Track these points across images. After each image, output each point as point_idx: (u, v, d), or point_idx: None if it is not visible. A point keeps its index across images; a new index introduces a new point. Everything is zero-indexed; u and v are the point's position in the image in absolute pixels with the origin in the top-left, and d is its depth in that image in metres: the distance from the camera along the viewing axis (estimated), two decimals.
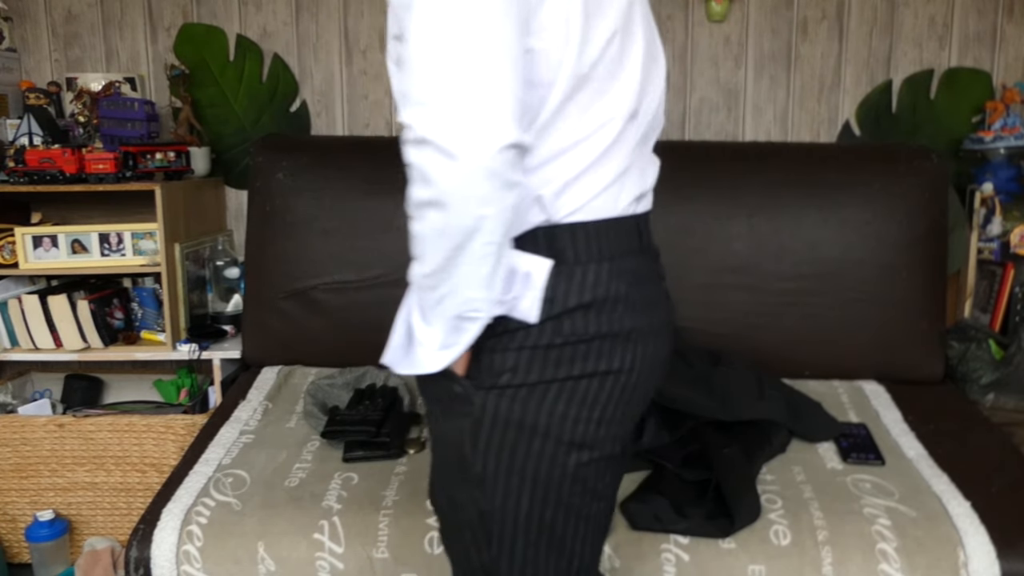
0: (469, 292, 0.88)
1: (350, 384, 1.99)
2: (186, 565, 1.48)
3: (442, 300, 0.89)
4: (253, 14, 2.53)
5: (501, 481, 0.97)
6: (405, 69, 0.84)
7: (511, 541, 1.00)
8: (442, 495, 1.06)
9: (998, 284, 2.37)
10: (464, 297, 0.88)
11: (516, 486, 0.97)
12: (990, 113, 2.39)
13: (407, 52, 0.83)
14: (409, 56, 0.83)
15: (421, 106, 0.81)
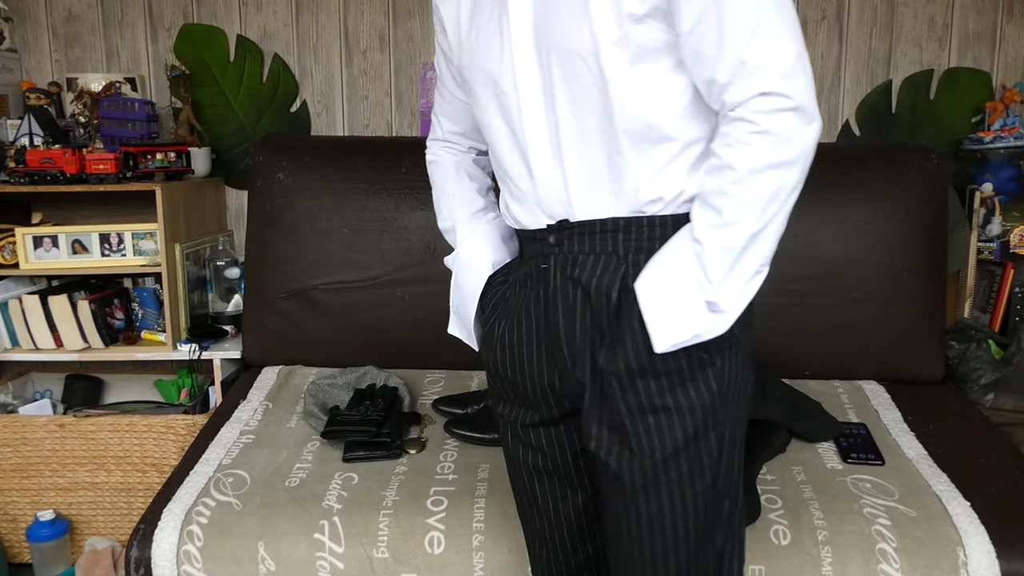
0: (772, 248, 0.96)
1: (350, 384, 1.99)
2: (186, 565, 1.48)
3: (754, 258, 0.96)
4: (253, 14, 2.53)
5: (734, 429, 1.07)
6: (760, 37, 0.88)
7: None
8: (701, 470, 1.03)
9: (998, 284, 2.37)
10: (768, 253, 0.96)
11: (739, 430, 1.08)
12: (990, 113, 2.39)
13: (760, 20, 0.88)
14: (768, 25, 0.88)
15: (793, 76, 0.89)
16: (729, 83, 0.91)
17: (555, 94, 1.00)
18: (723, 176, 0.93)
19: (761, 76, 0.89)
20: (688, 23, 0.91)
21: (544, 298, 1.07)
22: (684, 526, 1.03)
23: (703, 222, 0.96)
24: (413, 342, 2.15)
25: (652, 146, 0.98)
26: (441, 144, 1.28)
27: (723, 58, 0.90)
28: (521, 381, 1.13)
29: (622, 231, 1.02)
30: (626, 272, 1.01)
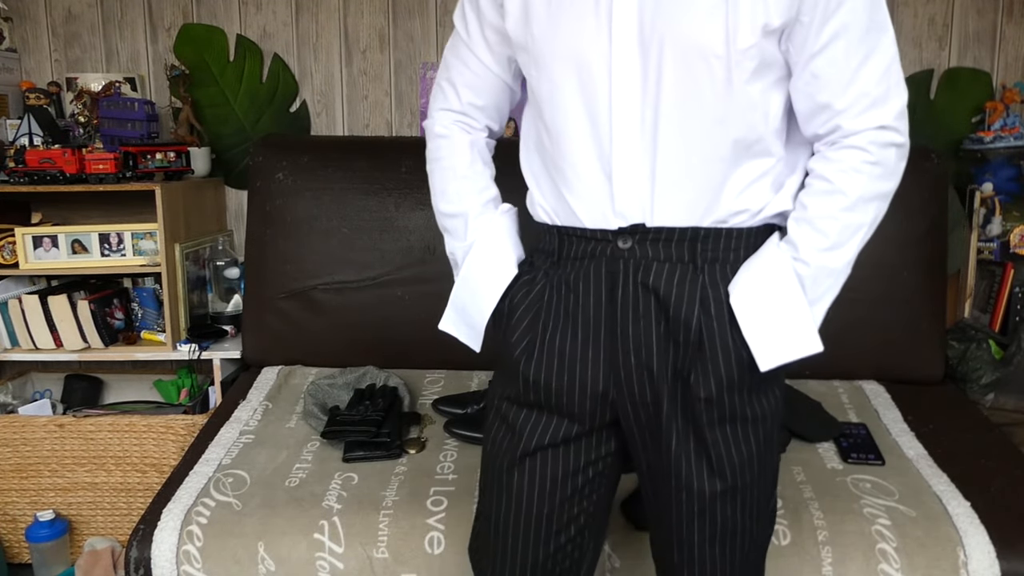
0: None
1: (350, 384, 1.99)
2: (186, 565, 1.48)
3: (844, 281, 1.03)
4: (253, 14, 2.53)
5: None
6: (887, 74, 0.96)
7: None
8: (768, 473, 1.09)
9: (998, 284, 2.37)
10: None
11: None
12: (990, 113, 2.39)
13: (889, 57, 0.96)
14: (894, 64, 0.97)
15: (905, 116, 0.97)
16: (847, 110, 0.95)
17: (660, 90, 0.95)
18: (833, 200, 0.98)
19: (883, 111, 0.96)
20: (818, 44, 0.94)
21: (611, 303, 1.02)
22: (752, 527, 1.08)
23: (810, 244, 0.99)
24: (413, 342, 2.15)
25: (752, 159, 0.99)
26: (455, 117, 1.15)
27: (848, 85, 0.95)
28: (568, 389, 1.05)
29: (701, 240, 1.00)
30: (704, 283, 1.00)
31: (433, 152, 1.18)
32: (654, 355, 1.02)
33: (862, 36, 0.94)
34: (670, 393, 1.03)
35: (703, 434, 1.02)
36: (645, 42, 0.94)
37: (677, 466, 1.03)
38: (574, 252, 1.05)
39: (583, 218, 1.03)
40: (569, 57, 0.98)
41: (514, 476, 1.09)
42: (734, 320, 1.00)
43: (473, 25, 1.10)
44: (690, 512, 1.04)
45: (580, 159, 1.01)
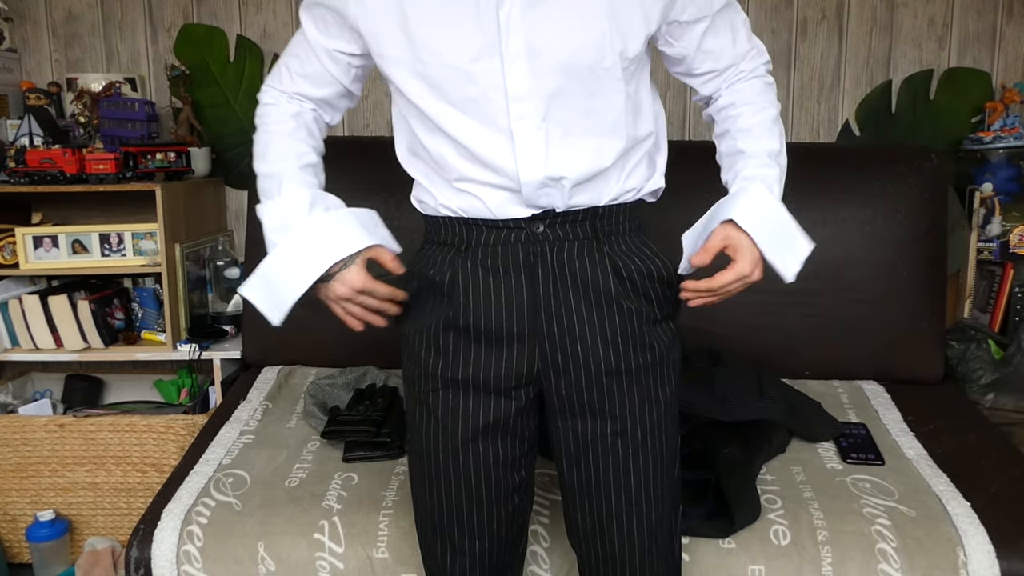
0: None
1: (350, 384, 1.99)
2: (186, 565, 1.48)
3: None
4: (253, 14, 2.53)
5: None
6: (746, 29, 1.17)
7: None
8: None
9: (997, 284, 2.37)
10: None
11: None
12: (989, 113, 2.39)
13: (741, 18, 1.16)
14: (746, 22, 1.17)
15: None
16: (742, 60, 1.17)
17: (555, 104, 1.05)
18: (766, 114, 1.16)
19: (764, 55, 1.19)
20: (702, 30, 1.13)
21: (531, 282, 1.10)
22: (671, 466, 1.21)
23: (770, 151, 1.14)
24: None
25: (635, 144, 1.12)
26: (288, 97, 1.20)
27: (734, 45, 1.16)
28: (496, 369, 1.12)
29: (600, 218, 1.12)
30: (608, 253, 1.12)
31: (258, 119, 1.21)
32: (575, 323, 1.11)
33: (726, 5, 1.13)
34: (600, 351, 1.12)
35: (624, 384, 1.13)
36: (535, 60, 1.02)
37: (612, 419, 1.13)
38: (485, 239, 1.11)
39: (495, 211, 1.10)
40: (464, 79, 1.04)
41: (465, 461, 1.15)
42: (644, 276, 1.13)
43: (315, 32, 1.13)
44: (624, 457, 1.13)
45: (489, 166, 1.07)
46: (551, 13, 1.02)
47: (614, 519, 1.15)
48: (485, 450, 1.14)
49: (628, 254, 1.13)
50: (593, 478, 1.15)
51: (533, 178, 1.06)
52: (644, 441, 1.14)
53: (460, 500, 1.16)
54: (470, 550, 1.18)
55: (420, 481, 1.20)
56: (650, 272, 1.14)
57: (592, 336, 1.12)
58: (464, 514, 1.17)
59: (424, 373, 1.15)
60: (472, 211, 1.11)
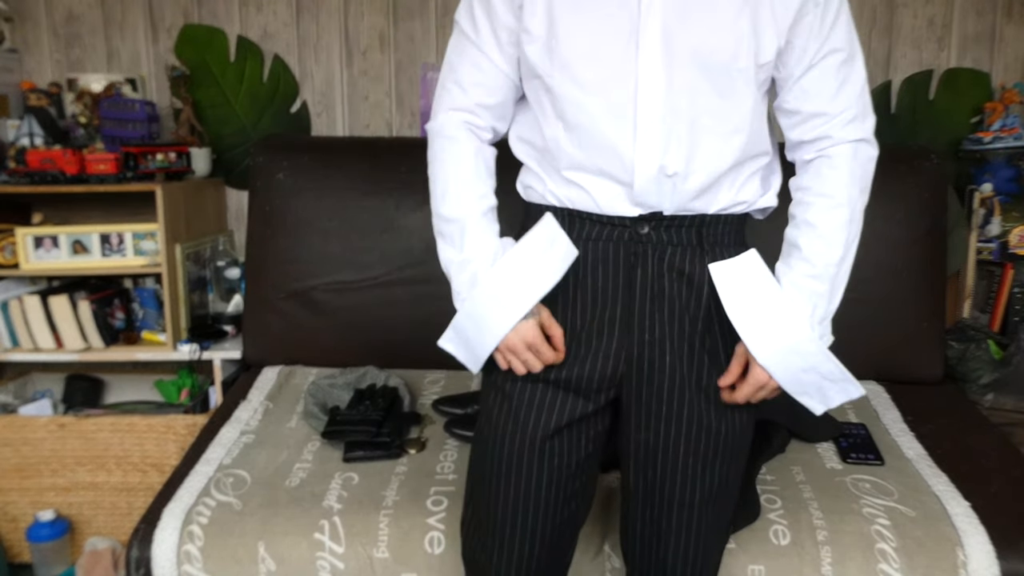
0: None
1: (350, 384, 1.99)
2: (187, 565, 1.48)
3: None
4: (254, 15, 2.53)
5: None
6: (857, 87, 1.09)
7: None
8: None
9: (997, 284, 2.37)
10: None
11: None
12: (989, 114, 2.40)
13: (856, 73, 1.09)
14: (861, 80, 1.09)
15: (873, 129, 1.12)
16: (835, 119, 1.09)
17: (683, 99, 1.03)
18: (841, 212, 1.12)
19: (865, 125, 1.11)
20: (809, 63, 1.08)
21: (628, 283, 1.10)
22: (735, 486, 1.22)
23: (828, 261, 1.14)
24: (413, 342, 2.15)
25: (753, 158, 1.11)
26: (464, 117, 1.14)
27: (834, 98, 1.09)
28: (580, 367, 1.11)
29: (706, 227, 1.10)
30: (711, 259, 1.10)
31: (438, 153, 1.16)
32: (667, 332, 1.10)
33: (845, 59, 1.07)
34: (680, 368, 1.11)
35: (710, 402, 1.13)
36: (671, 53, 1.02)
37: (687, 435, 1.12)
38: (587, 233, 1.10)
39: (603, 205, 1.08)
40: (596, 60, 1.04)
41: (530, 458, 1.13)
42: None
43: (483, 24, 1.11)
44: (693, 474, 1.13)
45: (605, 156, 1.06)
46: (693, 6, 1.01)
47: (672, 533, 1.15)
48: (552, 449, 1.13)
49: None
50: (658, 489, 1.14)
51: (649, 169, 1.05)
52: (713, 462, 1.14)
53: (519, 497, 1.14)
54: (519, 551, 1.16)
55: (480, 471, 1.19)
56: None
57: (679, 350, 1.11)
58: (520, 512, 1.15)
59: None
60: (579, 203, 1.10)
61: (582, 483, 1.18)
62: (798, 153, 1.13)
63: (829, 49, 1.06)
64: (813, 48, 1.06)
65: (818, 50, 1.06)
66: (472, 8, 1.12)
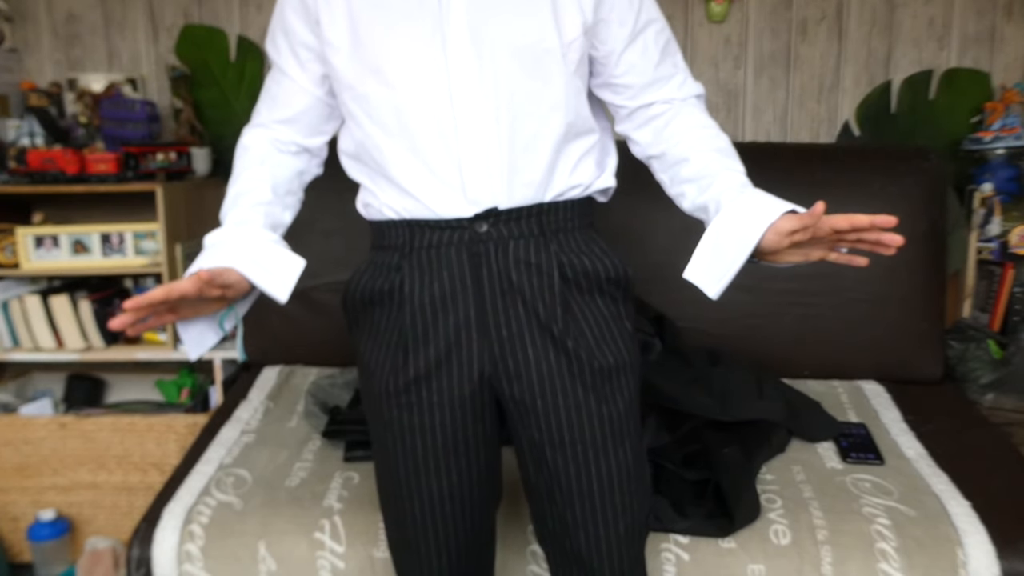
0: None
1: (351, 384, 1.99)
2: (187, 564, 1.48)
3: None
4: (254, 15, 2.53)
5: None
6: (678, 53, 1.16)
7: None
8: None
9: (997, 284, 2.37)
10: None
11: None
12: (989, 114, 2.40)
13: (672, 39, 1.15)
14: (675, 43, 1.16)
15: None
16: (667, 82, 1.15)
17: (498, 86, 1.04)
18: (721, 135, 1.15)
19: (685, 74, 1.18)
20: (626, 38, 1.12)
21: (477, 283, 1.08)
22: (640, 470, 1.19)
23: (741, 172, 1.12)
24: None
25: (578, 138, 1.11)
26: (260, 131, 1.20)
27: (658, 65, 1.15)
28: (448, 375, 1.09)
29: (545, 214, 1.10)
30: (555, 250, 1.09)
31: (233, 166, 1.20)
32: (523, 326, 1.09)
33: (660, 28, 1.13)
34: (546, 358, 1.09)
35: (587, 386, 1.10)
36: (479, 43, 1.03)
37: (569, 423, 1.10)
38: (428, 241, 1.09)
39: (437, 210, 1.07)
40: (405, 59, 1.04)
41: (426, 480, 1.12)
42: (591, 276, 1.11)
43: (283, 45, 1.16)
44: (586, 461, 1.11)
45: (429, 157, 1.06)
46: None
47: (579, 527, 1.12)
48: (447, 466, 1.12)
49: (577, 253, 1.11)
50: (555, 483, 1.12)
51: (476, 159, 1.05)
52: (604, 446, 1.11)
53: (424, 514, 1.14)
54: (438, 564, 1.15)
55: (385, 496, 1.19)
56: (596, 271, 1.11)
57: (542, 341, 1.09)
58: (429, 528, 1.14)
59: (380, 390, 1.12)
60: (415, 212, 1.09)
61: (484, 483, 1.16)
62: (640, 121, 1.16)
63: (646, 20, 1.11)
64: (630, 21, 1.10)
65: (635, 22, 1.10)
66: (274, 33, 1.18)
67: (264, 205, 1.16)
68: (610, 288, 1.13)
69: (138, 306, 0.95)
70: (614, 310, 1.14)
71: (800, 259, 1.04)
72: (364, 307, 1.15)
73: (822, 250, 1.04)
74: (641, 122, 1.17)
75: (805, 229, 0.99)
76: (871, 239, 1.01)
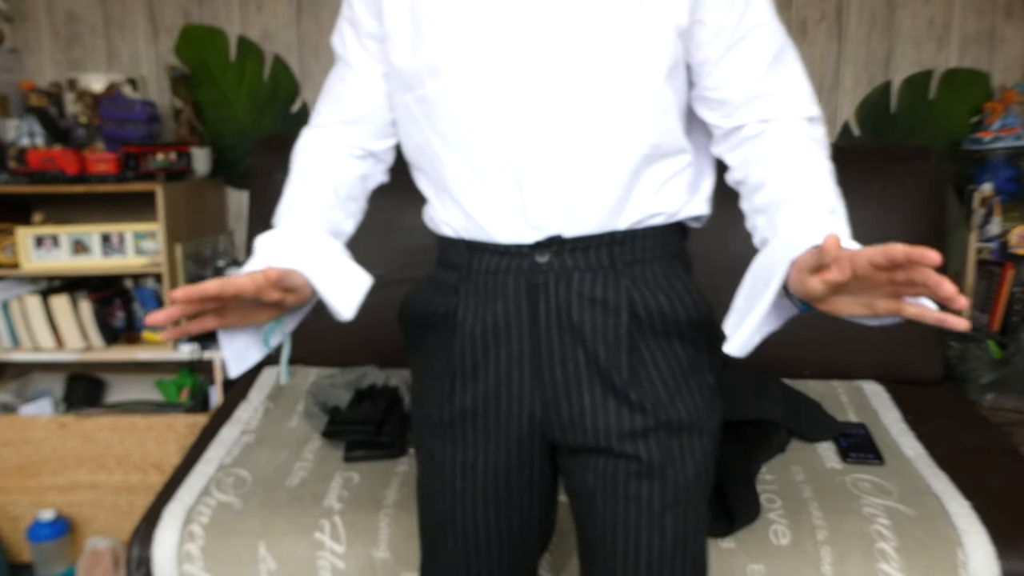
0: None
1: (351, 384, 1.99)
2: (187, 564, 1.48)
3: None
4: (254, 15, 2.53)
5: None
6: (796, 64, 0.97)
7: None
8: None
9: (997, 284, 2.37)
10: None
11: None
12: (989, 114, 2.40)
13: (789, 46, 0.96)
14: (793, 52, 0.97)
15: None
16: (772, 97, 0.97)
17: (571, 95, 0.90)
18: (818, 158, 0.97)
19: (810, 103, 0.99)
20: (731, 41, 0.94)
21: (532, 319, 0.97)
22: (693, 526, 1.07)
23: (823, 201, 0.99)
24: None
25: (664, 159, 0.96)
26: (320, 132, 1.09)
27: (763, 79, 0.96)
28: (496, 414, 1.00)
29: (618, 244, 0.96)
30: (626, 286, 0.96)
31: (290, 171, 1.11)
32: (581, 371, 0.96)
33: (771, 33, 0.95)
34: (603, 407, 0.97)
35: (637, 441, 0.97)
36: (549, 45, 0.89)
37: (626, 483, 0.97)
38: (486, 266, 0.99)
39: (494, 233, 0.97)
40: (466, 62, 0.92)
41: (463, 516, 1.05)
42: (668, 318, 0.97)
43: (350, 37, 1.03)
44: (637, 527, 0.98)
45: (487, 174, 0.95)
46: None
47: None
48: (486, 505, 1.03)
49: (653, 289, 0.97)
50: (601, 544, 0.99)
51: (538, 178, 0.92)
52: (662, 514, 0.96)
53: (460, 551, 1.06)
54: None
55: (422, 527, 1.12)
56: (675, 312, 0.97)
57: (601, 389, 0.96)
58: (465, 565, 1.06)
59: (425, 419, 1.06)
60: (472, 232, 0.98)
61: (528, 529, 1.07)
62: (734, 143, 0.98)
63: (751, 25, 0.93)
64: (730, 25, 0.92)
65: (736, 26, 0.92)
66: (342, 24, 1.05)
67: (325, 209, 1.07)
68: (691, 333, 0.99)
69: (189, 297, 0.84)
70: (694, 359, 1.00)
71: (863, 312, 0.82)
72: (418, 327, 1.08)
73: (888, 299, 0.80)
74: (735, 143, 0.98)
75: (829, 267, 0.79)
76: (919, 279, 0.75)
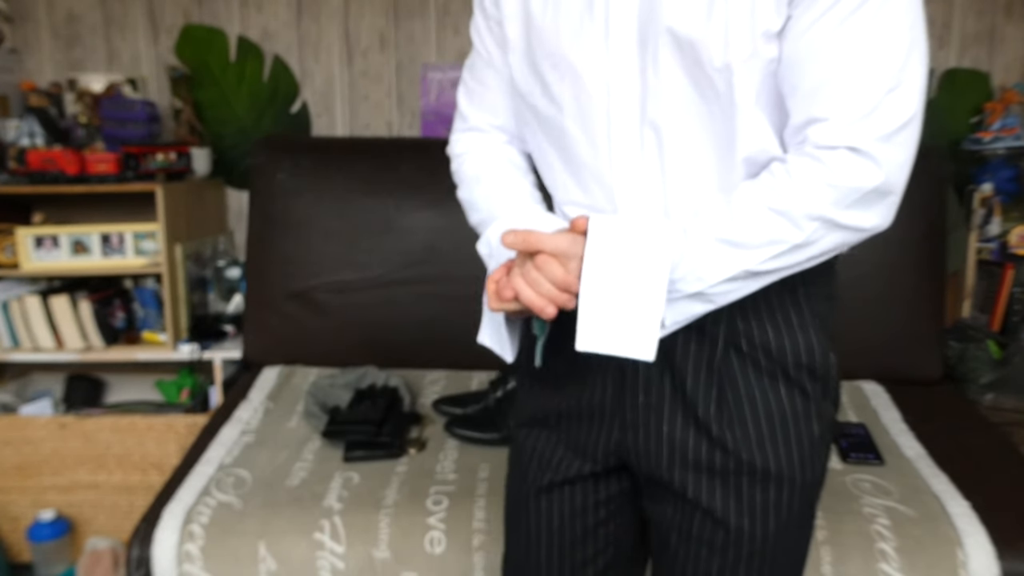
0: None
1: (351, 384, 1.99)
2: (187, 564, 1.48)
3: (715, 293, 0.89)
4: (254, 15, 2.53)
5: None
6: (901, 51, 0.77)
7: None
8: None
9: (997, 284, 2.37)
10: None
11: None
12: (989, 114, 2.40)
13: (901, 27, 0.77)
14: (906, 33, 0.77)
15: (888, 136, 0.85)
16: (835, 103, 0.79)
17: (658, 110, 0.83)
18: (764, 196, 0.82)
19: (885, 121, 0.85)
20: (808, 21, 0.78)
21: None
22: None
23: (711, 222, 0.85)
24: (413, 342, 2.16)
25: (760, 169, 0.84)
26: (473, 135, 1.03)
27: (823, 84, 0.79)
28: (585, 433, 0.96)
29: None
30: (734, 312, 0.86)
31: (455, 175, 1.04)
32: (665, 396, 0.90)
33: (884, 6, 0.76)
34: (681, 439, 0.91)
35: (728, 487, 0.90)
36: (644, 42, 0.81)
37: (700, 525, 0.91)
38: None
39: None
40: (568, 75, 0.86)
41: (528, 508, 1.01)
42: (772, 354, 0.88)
43: (482, 26, 0.97)
44: (708, 569, 0.92)
45: (589, 190, 0.90)
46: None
47: None
48: (550, 505, 0.99)
49: (761, 320, 0.87)
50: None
51: (629, 195, 0.86)
52: (736, 566, 0.90)
53: (529, 543, 1.02)
54: None
55: (505, 523, 1.08)
56: (783, 349, 0.87)
57: (683, 419, 0.90)
58: (532, 557, 1.02)
59: (518, 410, 1.04)
60: None
61: (599, 551, 1.01)
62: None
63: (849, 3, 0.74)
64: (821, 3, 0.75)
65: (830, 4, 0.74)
66: (475, 16, 0.98)
67: (530, 188, 0.98)
68: (800, 376, 0.88)
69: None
70: (802, 407, 0.88)
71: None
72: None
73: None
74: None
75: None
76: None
